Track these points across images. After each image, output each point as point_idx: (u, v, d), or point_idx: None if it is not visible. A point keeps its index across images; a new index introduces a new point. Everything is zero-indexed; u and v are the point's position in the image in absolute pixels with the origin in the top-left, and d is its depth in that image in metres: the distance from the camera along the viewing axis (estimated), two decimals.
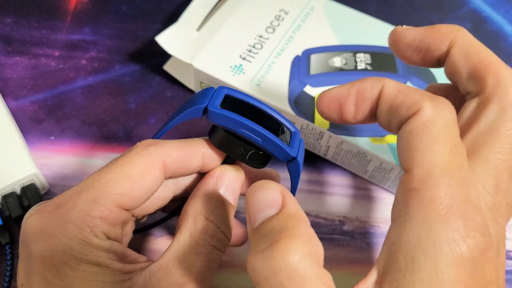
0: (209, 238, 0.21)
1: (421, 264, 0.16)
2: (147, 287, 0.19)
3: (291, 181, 0.24)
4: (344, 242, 0.32)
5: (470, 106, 0.21)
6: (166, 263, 0.20)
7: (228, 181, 0.23)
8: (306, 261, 0.16)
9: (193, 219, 0.21)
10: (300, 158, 0.23)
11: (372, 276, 0.18)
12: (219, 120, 0.21)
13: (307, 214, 0.32)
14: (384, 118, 0.21)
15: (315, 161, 0.35)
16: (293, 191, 0.24)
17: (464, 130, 0.20)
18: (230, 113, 0.21)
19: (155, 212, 0.25)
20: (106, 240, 0.20)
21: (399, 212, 0.18)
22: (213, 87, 0.23)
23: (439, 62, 0.23)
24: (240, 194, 0.24)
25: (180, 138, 0.23)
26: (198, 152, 0.23)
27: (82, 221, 0.19)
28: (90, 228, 0.19)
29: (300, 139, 0.23)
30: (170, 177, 0.23)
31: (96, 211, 0.19)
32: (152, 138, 0.23)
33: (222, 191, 0.23)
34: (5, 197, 0.29)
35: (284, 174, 0.35)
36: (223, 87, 0.22)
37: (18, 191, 0.30)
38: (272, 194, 0.17)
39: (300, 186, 0.33)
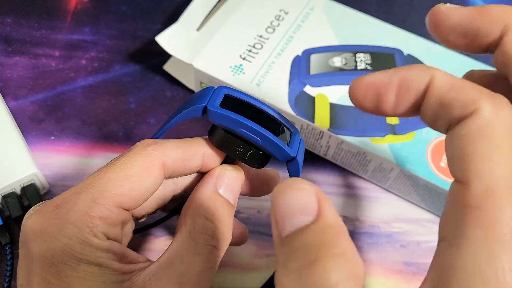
0: (209, 239, 0.21)
1: None
2: (147, 287, 0.19)
3: None
4: None
5: None
6: (166, 263, 0.20)
7: (228, 181, 0.23)
8: (348, 286, 0.14)
9: (193, 219, 0.21)
10: (300, 158, 0.23)
11: None
12: (218, 120, 0.21)
13: None
14: (430, 114, 0.18)
15: (315, 161, 0.35)
16: None
17: None
18: (230, 113, 0.21)
19: (154, 212, 0.25)
20: (105, 240, 0.20)
21: (453, 232, 0.15)
22: (213, 87, 0.23)
23: (488, 48, 0.20)
24: (240, 194, 0.24)
25: (180, 138, 0.23)
26: (198, 152, 0.23)
27: (81, 221, 0.19)
28: (89, 228, 0.19)
29: (300, 139, 0.23)
30: (169, 177, 0.23)
31: (95, 211, 0.19)
32: (152, 138, 0.23)
33: (221, 191, 0.22)
34: (5, 197, 0.29)
35: (284, 174, 0.35)
36: (223, 86, 0.22)
37: (18, 191, 0.30)
38: (306, 198, 0.15)
39: None
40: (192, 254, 0.20)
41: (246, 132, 0.21)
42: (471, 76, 0.23)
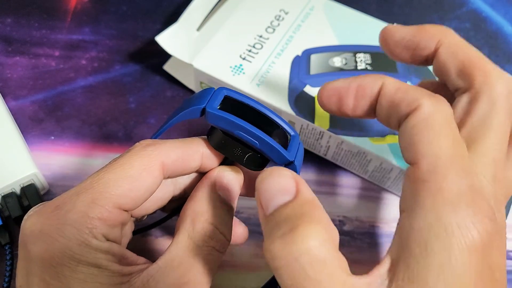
0: (208, 240, 0.21)
1: (434, 249, 0.17)
2: None
3: None
4: (344, 242, 0.32)
5: (461, 102, 0.22)
6: (165, 264, 0.20)
7: (227, 182, 0.23)
8: (325, 247, 0.16)
9: (192, 220, 0.21)
10: (298, 162, 0.23)
11: (385, 263, 0.18)
12: (216, 122, 0.21)
13: None
14: (383, 114, 0.22)
15: (315, 161, 0.35)
16: None
17: (458, 125, 0.21)
18: (228, 115, 0.21)
19: (154, 212, 0.25)
20: (105, 241, 0.20)
21: (409, 203, 0.18)
22: (213, 88, 0.22)
23: (427, 60, 0.24)
24: (240, 195, 0.24)
25: (180, 138, 0.23)
26: (197, 152, 0.23)
27: (80, 222, 0.19)
28: (89, 229, 0.19)
29: (299, 143, 0.23)
30: (169, 177, 0.23)
31: (95, 212, 0.19)
32: (151, 138, 0.23)
33: (221, 192, 0.23)
34: (5, 197, 0.29)
35: None
36: (223, 88, 0.22)
37: (18, 191, 0.30)
38: (286, 181, 0.18)
39: None
40: (191, 255, 0.20)
41: (244, 134, 0.21)
42: (421, 84, 0.27)
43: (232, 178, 0.23)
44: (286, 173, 0.18)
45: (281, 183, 0.18)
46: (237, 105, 0.22)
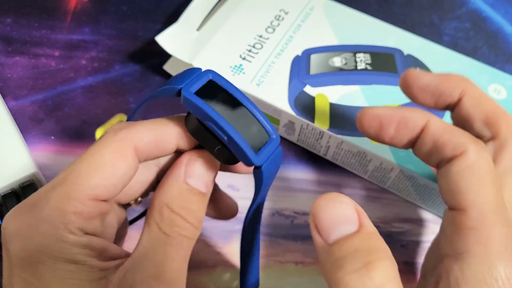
0: (177, 229, 0.20)
1: None
2: (123, 284, 0.19)
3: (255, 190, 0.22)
4: None
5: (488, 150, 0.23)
6: (139, 257, 0.20)
7: (198, 170, 0.22)
8: (396, 283, 0.17)
9: (159, 211, 0.21)
10: (269, 169, 0.21)
11: None
12: (189, 107, 0.20)
13: (307, 214, 0.32)
14: (424, 151, 0.22)
15: (315, 161, 0.35)
16: (254, 202, 0.22)
17: None
18: (201, 103, 0.19)
19: (147, 196, 0.24)
20: (83, 236, 0.19)
21: (457, 249, 0.19)
22: (200, 69, 0.21)
23: (448, 106, 0.25)
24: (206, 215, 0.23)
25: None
26: (172, 134, 0.21)
27: (55, 218, 0.19)
28: (64, 225, 0.19)
29: (277, 148, 0.21)
30: (145, 160, 0.22)
31: (69, 207, 0.19)
32: (128, 119, 0.22)
33: (191, 181, 0.21)
34: (4, 196, 0.29)
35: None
36: (210, 71, 0.21)
37: (17, 190, 0.30)
38: (348, 210, 0.18)
39: (301, 186, 0.33)
40: (163, 245, 0.20)
41: (213, 126, 0.19)
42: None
43: (203, 164, 0.22)
44: (347, 201, 0.18)
45: (343, 212, 0.18)
46: (218, 92, 0.20)
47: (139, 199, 0.24)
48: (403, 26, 0.38)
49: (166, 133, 0.21)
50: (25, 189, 0.30)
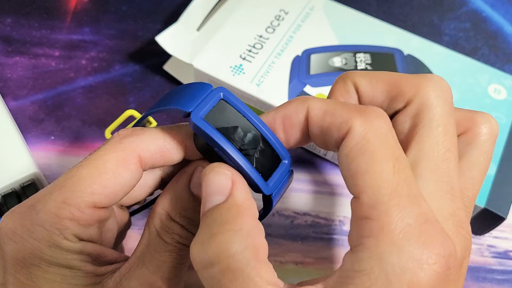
0: (176, 237, 0.20)
1: None
2: None
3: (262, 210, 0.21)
4: (344, 242, 0.32)
5: (402, 117, 0.20)
6: (136, 262, 0.20)
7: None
8: (242, 256, 0.16)
9: (159, 217, 0.20)
10: (278, 194, 0.20)
11: None
12: (198, 133, 0.19)
13: (307, 214, 0.33)
14: (319, 141, 0.20)
15: (315, 161, 0.35)
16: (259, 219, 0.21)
17: (405, 141, 0.20)
18: (210, 130, 0.19)
19: (151, 195, 0.24)
20: (77, 242, 0.19)
21: (354, 241, 0.17)
22: (210, 86, 0.20)
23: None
24: None
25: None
26: (180, 144, 0.20)
27: (51, 223, 0.19)
28: (59, 230, 0.19)
29: (289, 171, 0.20)
30: (150, 168, 0.21)
31: (65, 213, 0.19)
32: (134, 125, 0.22)
33: (195, 190, 0.21)
34: (5, 196, 0.29)
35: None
36: (221, 88, 0.20)
37: (18, 190, 0.30)
38: (222, 180, 0.18)
39: (301, 186, 0.33)
40: (161, 251, 0.20)
41: (222, 154, 0.19)
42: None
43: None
44: (223, 171, 0.18)
45: (217, 182, 0.18)
46: (229, 113, 0.19)
47: (142, 202, 0.24)
48: (403, 26, 0.38)
49: (173, 144, 0.20)
50: (26, 189, 0.30)
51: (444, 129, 0.19)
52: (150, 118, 0.32)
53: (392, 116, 0.21)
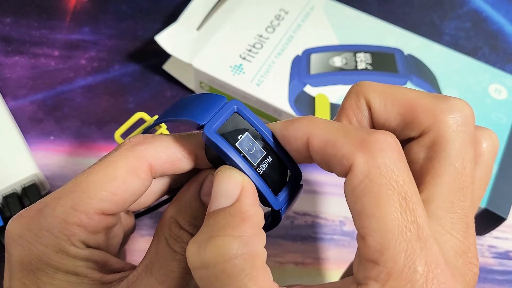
0: (185, 246, 0.20)
1: None
2: None
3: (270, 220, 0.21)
4: (345, 242, 0.32)
5: (417, 146, 0.19)
6: (144, 271, 0.20)
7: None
8: (238, 262, 0.16)
9: (169, 226, 0.20)
10: (286, 208, 0.20)
11: None
12: (211, 146, 0.19)
13: (307, 215, 0.32)
14: (323, 167, 0.19)
15: None
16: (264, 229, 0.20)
17: (419, 175, 0.19)
18: (223, 144, 0.19)
19: (163, 196, 0.24)
20: (84, 248, 0.19)
21: (359, 276, 0.17)
22: (225, 99, 0.20)
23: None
24: None
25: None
26: (190, 153, 0.20)
27: (58, 229, 0.18)
28: (67, 236, 0.18)
29: (299, 186, 0.21)
30: (160, 176, 0.21)
31: (73, 219, 0.18)
32: (145, 131, 0.22)
33: (205, 199, 0.21)
34: (6, 197, 0.29)
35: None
36: (236, 101, 0.20)
37: (19, 191, 0.30)
38: (232, 184, 0.18)
39: None
40: (169, 260, 0.20)
41: (233, 167, 0.19)
42: None
43: None
44: (235, 176, 0.18)
45: (227, 185, 0.18)
46: (242, 126, 0.20)
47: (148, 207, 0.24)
48: (403, 25, 0.38)
49: (184, 153, 0.20)
50: (27, 190, 0.30)
51: (462, 165, 0.18)
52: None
53: (406, 141, 0.20)
